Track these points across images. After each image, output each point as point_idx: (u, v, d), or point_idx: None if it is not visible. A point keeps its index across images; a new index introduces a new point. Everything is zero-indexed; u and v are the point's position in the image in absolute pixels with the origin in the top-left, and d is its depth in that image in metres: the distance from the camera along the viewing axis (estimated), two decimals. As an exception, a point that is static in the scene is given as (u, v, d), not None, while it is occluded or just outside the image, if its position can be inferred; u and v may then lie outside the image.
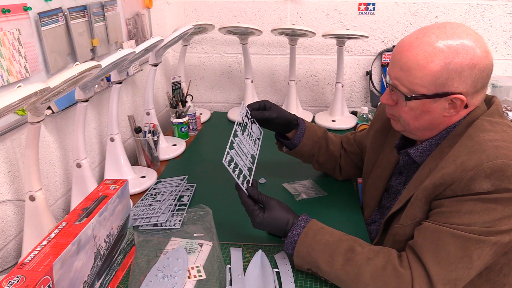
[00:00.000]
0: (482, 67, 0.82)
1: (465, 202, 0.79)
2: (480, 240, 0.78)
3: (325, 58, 1.98)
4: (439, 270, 0.78)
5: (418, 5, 1.82)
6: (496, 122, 0.86)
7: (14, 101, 0.70)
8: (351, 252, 0.86)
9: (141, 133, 1.42)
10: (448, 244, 0.79)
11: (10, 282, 0.60)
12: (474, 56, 0.81)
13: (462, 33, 0.83)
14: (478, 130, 0.84)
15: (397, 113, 0.93)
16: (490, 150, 0.79)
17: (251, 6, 1.94)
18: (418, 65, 0.83)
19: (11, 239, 1.04)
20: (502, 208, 0.77)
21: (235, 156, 0.96)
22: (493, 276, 0.87)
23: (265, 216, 0.94)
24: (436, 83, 0.83)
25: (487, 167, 0.77)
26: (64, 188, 1.25)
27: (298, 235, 0.92)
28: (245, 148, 1.03)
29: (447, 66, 0.81)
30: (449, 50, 0.81)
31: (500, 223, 0.77)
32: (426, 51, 0.83)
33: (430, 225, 0.83)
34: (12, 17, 0.97)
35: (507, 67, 1.88)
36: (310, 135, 1.21)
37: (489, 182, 0.77)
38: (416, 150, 0.96)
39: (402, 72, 0.86)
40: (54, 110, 1.14)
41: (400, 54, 0.87)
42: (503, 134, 0.83)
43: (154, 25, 1.82)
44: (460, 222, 0.79)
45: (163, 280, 0.90)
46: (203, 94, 2.16)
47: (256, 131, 1.12)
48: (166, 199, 1.22)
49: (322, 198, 1.24)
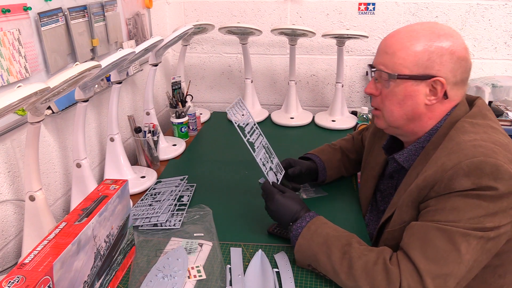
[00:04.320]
0: (461, 56, 0.87)
1: (449, 199, 0.80)
2: (466, 233, 0.78)
3: (325, 58, 1.98)
4: (427, 264, 0.79)
5: (418, 5, 1.82)
6: (477, 124, 0.87)
7: (14, 101, 0.70)
8: (348, 246, 0.87)
9: (141, 133, 1.42)
10: (435, 238, 0.79)
11: (10, 282, 0.60)
12: (454, 44, 0.87)
13: (445, 27, 0.90)
14: (459, 132, 0.85)
15: (381, 103, 0.95)
16: (468, 150, 0.80)
17: (251, 6, 1.94)
18: (403, 46, 0.88)
19: (11, 239, 1.04)
20: (487, 205, 0.77)
21: (262, 155, 1.08)
22: (488, 277, 0.87)
23: (281, 198, 1.00)
24: (418, 64, 0.87)
25: (464, 165, 0.78)
26: (64, 188, 1.25)
27: (302, 228, 0.94)
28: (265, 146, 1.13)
29: (429, 48, 0.86)
30: (432, 35, 0.87)
31: (485, 220, 0.78)
32: (410, 35, 0.89)
33: (416, 223, 0.84)
34: (12, 17, 0.97)
35: (507, 67, 1.88)
36: (330, 166, 1.26)
37: (468, 180, 0.78)
38: (402, 154, 0.97)
39: (387, 56, 0.91)
40: (54, 110, 1.14)
41: (385, 41, 0.93)
42: (483, 135, 0.84)
43: (154, 25, 1.82)
44: (445, 219, 0.80)
45: (163, 280, 0.90)
46: (203, 94, 2.16)
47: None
48: (166, 199, 1.21)
49: (322, 198, 1.24)
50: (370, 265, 0.83)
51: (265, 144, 1.13)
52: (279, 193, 1.02)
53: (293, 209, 0.99)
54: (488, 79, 1.79)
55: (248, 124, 1.09)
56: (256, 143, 1.08)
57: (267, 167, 1.07)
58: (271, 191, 1.02)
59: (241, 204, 1.22)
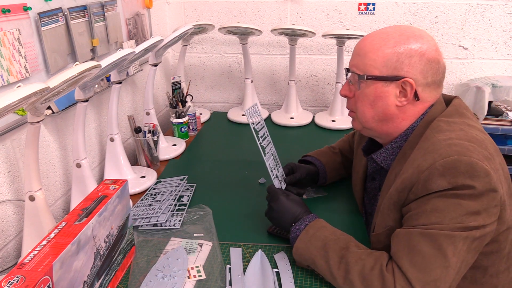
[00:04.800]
0: (431, 58, 0.87)
1: (428, 201, 0.80)
2: (450, 235, 0.77)
3: (325, 58, 1.98)
4: (416, 273, 0.78)
5: (418, 5, 1.82)
6: (453, 122, 0.87)
7: (14, 101, 0.70)
8: (345, 250, 0.87)
9: (141, 133, 1.42)
10: (420, 244, 0.79)
11: (9, 282, 0.60)
12: (423, 46, 0.87)
13: (416, 30, 0.90)
14: (435, 131, 0.86)
15: (354, 105, 0.97)
16: (443, 149, 0.80)
17: (251, 6, 1.94)
18: (373, 48, 0.90)
19: (11, 239, 1.04)
20: (467, 204, 0.77)
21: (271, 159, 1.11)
22: (478, 277, 0.87)
23: (285, 199, 1.01)
24: (387, 65, 0.88)
25: (439, 165, 0.78)
26: (64, 188, 1.25)
27: (300, 231, 0.94)
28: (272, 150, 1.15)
29: (398, 49, 0.88)
30: (401, 37, 0.88)
31: (468, 219, 0.77)
32: (381, 37, 0.90)
33: (402, 230, 0.84)
34: (12, 17, 0.97)
35: (507, 67, 1.88)
36: (331, 168, 1.26)
37: (444, 180, 0.78)
38: (380, 154, 0.98)
39: (358, 57, 0.92)
40: (54, 110, 1.14)
41: (358, 44, 0.95)
42: (459, 133, 0.84)
43: (154, 25, 1.82)
44: (428, 222, 0.79)
45: (162, 280, 0.90)
46: (203, 94, 2.16)
47: None
48: (166, 199, 1.22)
49: (322, 198, 1.24)
50: (367, 270, 0.83)
51: (273, 152, 1.15)
52: (284, 195, 1.03)
53: (295, 211, 0.99)
54: (488, 79, 1.79)
55: (261, 129, 1.11)
56: (267, 149, 1.10)
57: (274, 173, 1.09)
58: (276, 192, 1.04)
59: (241, 204, 1.22)
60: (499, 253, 0.87)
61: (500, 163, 0.84)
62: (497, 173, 0.80)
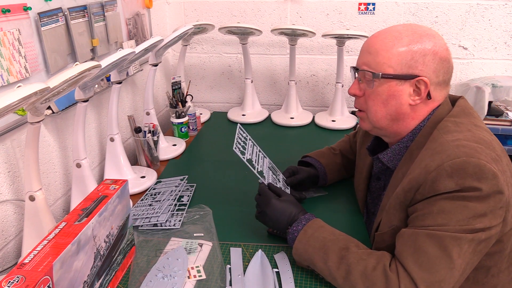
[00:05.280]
0: (443, 57, 0.88)
1: (435, 202, 0.80)
2: (456, 237, 0.77)
3: (325, 58, 1.98)
4: (421, 273, 0.78)
5: (418, 5, 1.82)
6: (461, 122, 0.87)
7: (14, 101, 0.70)
8: (345, 250, 0.87)
9: (141, 133, 1.42)
10: (426, 245, 0.79)
11: (10, 282, 0.60)
12: (436, 45, 0.88)
13: (426, 29, 0.91)
14: (442, 132, 0.86)
15: (365, 104, 0.95)
16: (451, 150, 0.80)
17: (251, 6, 1.94)
18: (386, 46, 0.89)
19: (11, 239, 1.04)
20: (473, 206, 0.77)
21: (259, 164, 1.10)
22: (480, 277, 0.87)
23: (277, 203, 0.99)
24: (401, 63, 0.88)
25: (447, 166, 0.78)
26: (64, 188, 1.25)
27: (298, 232, 0.93)
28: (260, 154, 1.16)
29: (412, 48, 0.87)
30: (414, 35, 0.88)
31: (474, 221, 0.77)
32: (393, 35, 0.89)
33: (407, 230, 0.83)
34: (12, 17, 0.97)
35: (507, 67, 1.88)
36: (331, 170, 1.26)
37: (452, 181, 0.78)
38: (386, 154, 0.98)
39: (370, 56, 0.91)
40: (54, 110, 1.14)
41: (368, 42, 0.93)
42: (467, 134, 0.83)
43: (154, 25, 1.82)
44: (434, 223, 0.79)
45: (163, 280, 0.90)
46: (203, 94, 2.16)
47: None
48: (166, 199, 1.21)
49: (322, 198, 1.24)
50: (369, 270, 0.82)
51: (269, 165, 1.15)
52: (275, 197, 1.01)
53: (290, 212, 0.98)
54: (488, 79, 1.79)
55: (253, 150, 1.12)
56: (264, 169, 1.09)
57: (278, 186, 1.08)
58: (267, 195, 1.01)
59: (241, 204, 1.22)
60: (502, 253, 0.87)
61: (507, 164, 0.84)
62: (504, 175, 0.79)
